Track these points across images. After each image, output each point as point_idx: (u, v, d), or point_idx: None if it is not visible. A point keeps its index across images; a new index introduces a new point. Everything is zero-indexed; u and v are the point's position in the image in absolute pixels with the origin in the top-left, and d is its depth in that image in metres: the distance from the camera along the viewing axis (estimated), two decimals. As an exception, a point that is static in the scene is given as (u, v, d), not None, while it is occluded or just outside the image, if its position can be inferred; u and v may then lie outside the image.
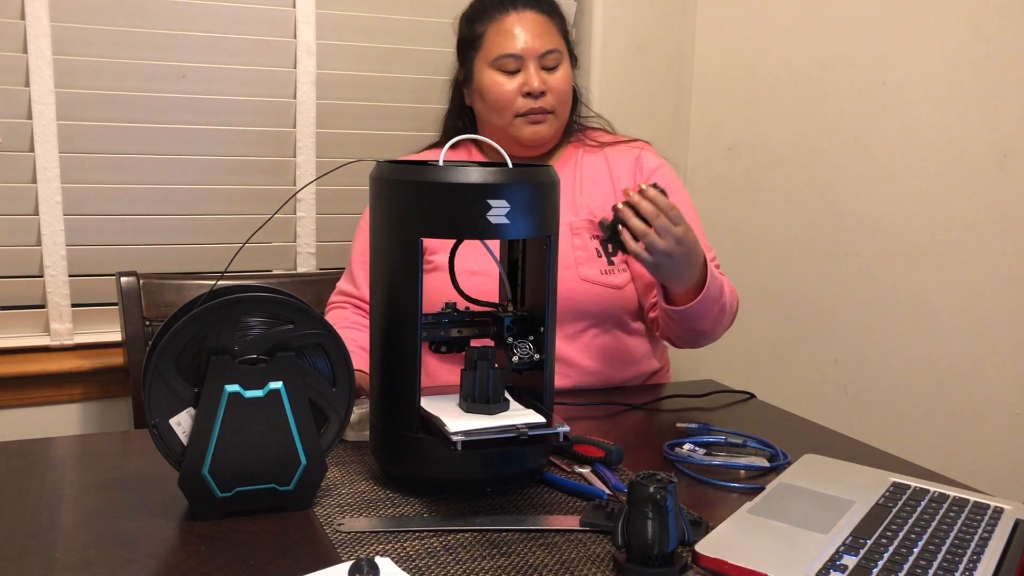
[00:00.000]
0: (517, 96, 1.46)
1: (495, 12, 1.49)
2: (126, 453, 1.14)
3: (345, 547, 0.88)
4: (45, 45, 1.69)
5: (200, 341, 0.92)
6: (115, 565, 0.84)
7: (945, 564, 0.83)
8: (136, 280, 1.64)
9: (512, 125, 1.48)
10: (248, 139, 1.87)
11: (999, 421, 1.57)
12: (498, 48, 1.46)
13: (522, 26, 1.46)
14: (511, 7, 1.48)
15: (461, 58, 1.56)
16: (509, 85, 1.46)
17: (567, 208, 1.48)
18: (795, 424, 1.33)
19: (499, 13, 1.48)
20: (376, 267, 1.01)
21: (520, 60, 1.46)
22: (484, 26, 1.49)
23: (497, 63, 1.46)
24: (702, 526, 0.91)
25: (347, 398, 0.99)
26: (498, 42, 1.47)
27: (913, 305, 1.71)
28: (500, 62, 1.46)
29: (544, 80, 1.46)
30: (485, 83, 1.48)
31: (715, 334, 1.44)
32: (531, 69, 1.46)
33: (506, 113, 1.47)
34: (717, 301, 1.36)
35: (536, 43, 1.46)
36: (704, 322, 1.38)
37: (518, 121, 1.47)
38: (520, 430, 0.94)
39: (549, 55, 1.47)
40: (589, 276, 1.45)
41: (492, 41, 1.48)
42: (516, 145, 1.50)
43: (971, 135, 1.59)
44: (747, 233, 2.07)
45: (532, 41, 1.45)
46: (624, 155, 1.56)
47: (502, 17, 1.48)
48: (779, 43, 1.98)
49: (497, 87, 1.46)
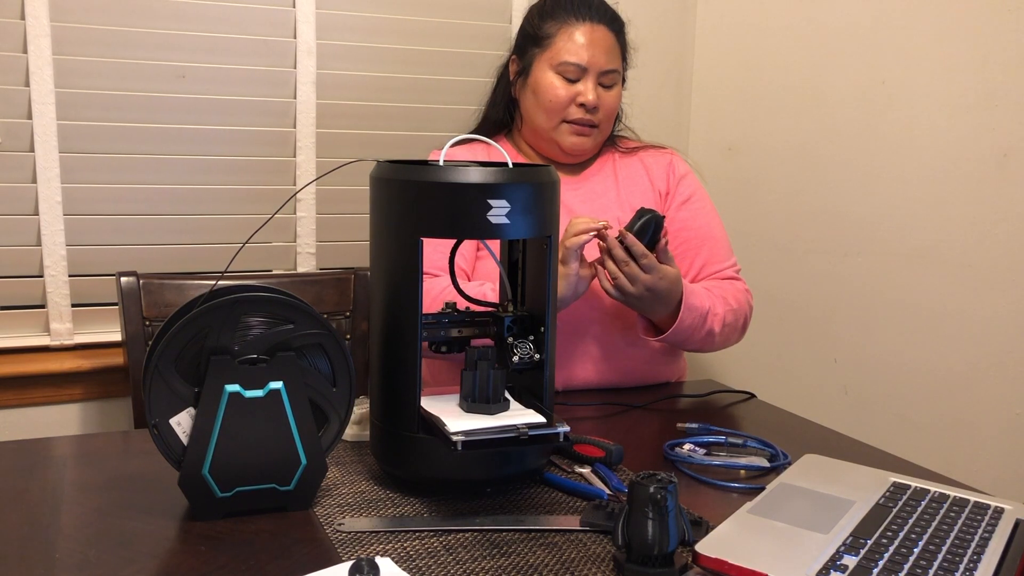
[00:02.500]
0: (570, 104, 1.47)
1: (570, 17, 1.49)
2: (126, 453, 1.14)
3: (345, 547, 0.88)
4: (45, 45, 1.69)
5: (200, 341, 0.92)
6: (115, 565, 0.84)
7: (945, 564, 0.83)
8: (136, 280, 1.64)
9: (557, 130, 1.49)
10: (248, 139, 1.87)
11: (999, 421, 1.57)
12: (565, 54, 1.47)
13: (593, 39, 1.47)
14: (587, 18, 1.49)
15: (521, 50, 1.55)
16: (565, 91, 1.47)
17: (614, 205, 1.52)
18: (795, 424, 1.33)
19: (574, 19, 1.49)
20: (376, 267, 1.01)
21: (583, 71, 1.47)
22: (556, 27, 1.49)
23: (560, 67, 1.47)
24: (702, 526, 0.91)
25: (347, 398, 0.99)
26: (566, 48, 1.47)
27: (913, 305, 1.71)
28: (563, 67, 1.47)
29: (599, 96, 1.48)
30: (543, 83, 1.49)
31: (712, 349, 1.48)
32: (590, 82, 1.47)
33: (555, 117, 1.49)
34: (698, 330, 1.40)
35: (602, 59, 1.47)
36: (688, 345, 1.45)
37: (564, 127, 1.49)
38: (520, 430, 0.94)
39: (610, 74, 1.49)
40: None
41: (560, 45, 1.48)
42: (556, 150, 1.52)
43: (971, 135, 1.59)
44: (747, 233, 2.07)
45: (599, 56, 1.47)
46: (657, 159, 1.59)
47: (576, 24, 1.48)
48: (779, 43, 1.98)
49: (553, 90, 1.48)
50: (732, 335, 1.48)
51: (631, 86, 1.63)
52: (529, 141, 1.56)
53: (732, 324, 1.46)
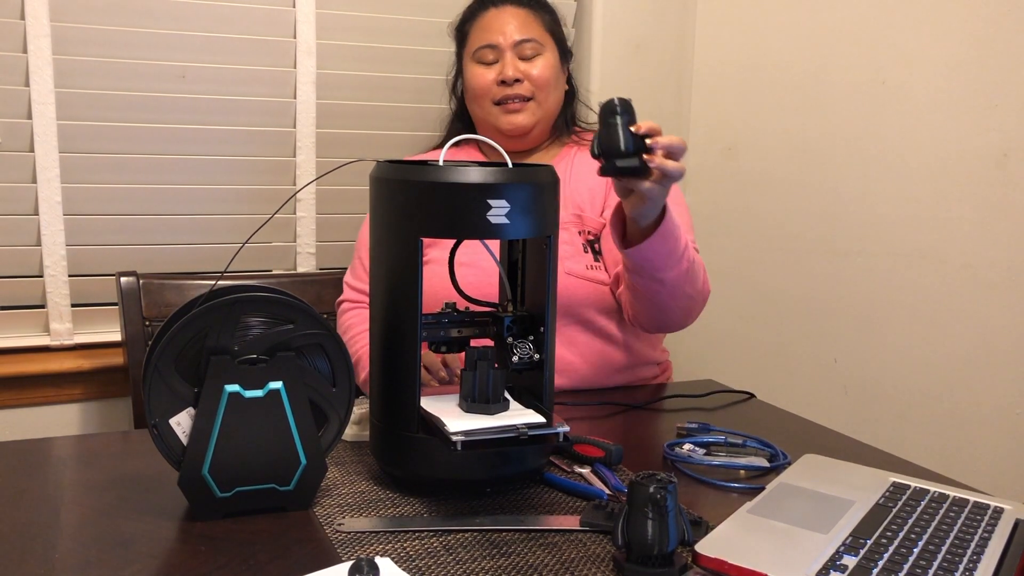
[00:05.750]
0: (493, 85, 1.52)
1: (478, 10, 1.59)
2: (126, 453, 1.14)
3: (345, 547, 0.88)
4: (45, 45, 1.69)
5: (200, 341, 0.92)
6: (115, 565, 0.84)
7: (945, 564, 0.83)
8: (136, 280, 1.64)
9: (491, 114, 1.54)
10: (248, 139, 1.87)
11: (999, 421, 1.57)
12: (477, 40, 1.55)
13: (500, 19, 1.54)
14: (491, 4, 1.57)
15: (457, 61, 1.65)
16: (487, 75, 1.53)
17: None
18: (795, 424, 1.33)
19: (481, 11, 1.58)
20: (376, 267, 1.01)
21: (497, 51, 1.53)
22: (469, 24, 1.59)
23: (477, 55, 1.55)
24: (702, 526, 0.91)
25: (347, 398, 0.99)
26: (477, 36, 1.56)
27: (913, 305, 1.71)
28: (479, 53, 1.54)
29: (519, 68, 1.52)
30: (467, 76, 1.57)
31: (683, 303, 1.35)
32: (507, 58, 1.52)
33: (484, 101, 1.53)
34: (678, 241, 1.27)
35: (512, 33, 1.52)
36: (665, 266, 1.28)
37: (496, 110, 1.53)
38: (520, 430, 0.94)
39: (525, 44, 1.52)
40: (574, 271, 1.44)
41: (473, 36, 1.57)
42: (502, 137, 1.54)
43: (971, 135, 1.59)
44: (747, 233, 2.07)
45: (508, 31, 1.52)
46: None
47: (483, 13, 1.57)
48: (779, 43, 1.98)
49: (475, 77, 1.54)
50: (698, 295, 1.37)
51: (631, 84, 1.63)
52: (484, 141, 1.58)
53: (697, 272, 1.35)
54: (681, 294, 1.33)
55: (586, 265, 1.46)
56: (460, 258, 1.14)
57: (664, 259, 1.27)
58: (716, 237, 2.12)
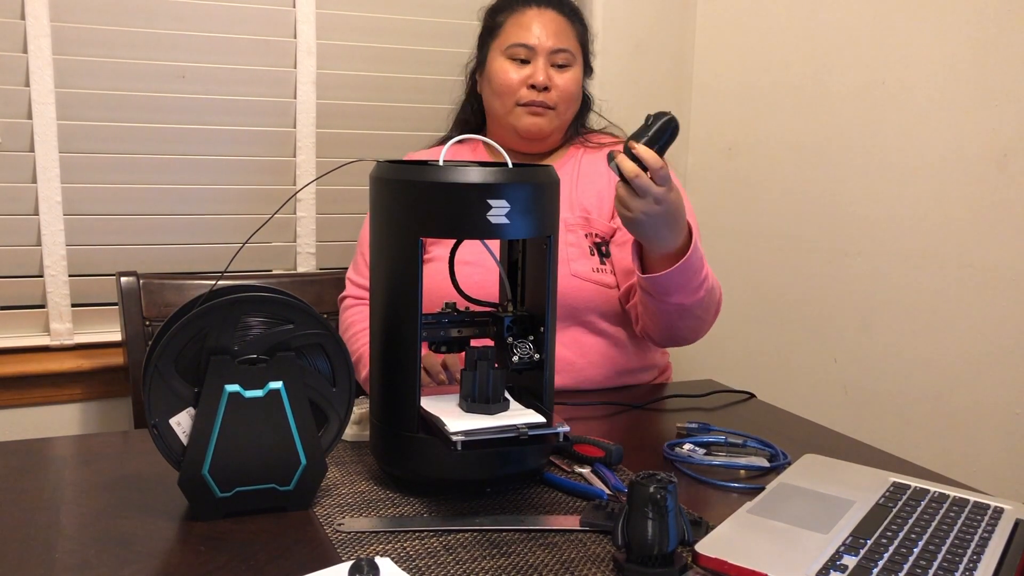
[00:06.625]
0: (522, 86, 1.50)
1: (517, 4, 1.55)
2: (126, 453, 1.14)
3: (345, 547, 0.88)
4: (45, 45, 1.69)
5: (200, 341, 0.92)
6: (115, 565, 0.84)
7: (945, 564, 0.83)
8: (136, 280, 1.64)
9: (512, 113, 1.51)
10: (248, 139, 1.87)
11: (999, 421, 1.57)
12: (513, 37, 1.52)
13: (540, 22, 1.51)
14: (533, 3, 1.54)
15: (480, 46, 1.61)
16: (516, 74, 1.50)
17: (564, 204, 1.48)
18: (795, 424, 1.33)
19: (521, 6, 1.55)
20: (376, 267, 1.01)
21: (531, 52, 1.50)
22: (505, 16, 1.55)
23: (509, 51, 1.51)
24: (702, 526, 0.91)
25: (347, 398, 0.99)
26: (514, 32, 1.52)
27: (913, 305, 1.71)
28: (512, 50, 1.51)
29: (551, 76, 1.50)
30: (494, 68, 1.53)
31: (694, 324, 1.37)
32: (540, 63, 1.50)
33: (508, 100, 1.51)
34: (698, 273, 1.29)
35: (550, 40, 1.50)
36: (682, 295, 1.30)
37: (519, 110, 1.51)
38: (520, 430, 0.94)
39: (560, 53, 1.51)
40: (580, 273, 1.44)
41: (509, 31, 1.53)
42: (515, 137, 1.53)
43: (971, 135, 1.59)
44: (747, 233, 2.07)
45: (546, 37, 1.50)
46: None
47: (523, 10, 1.54)
48: (779, 43, 1.98)
49: (504, 73, 1.51)
50: (712, 312, 1.39)
51: (631, 84, 1.63)
52: (494, 135, 1.57)
53: (714, 296, 1.37)
54: (693, 316, 1.36)
55: (592, 267, 1.46)
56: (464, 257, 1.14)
57: (680, 288, 1.30)
58: (716, 237, 2.11)
